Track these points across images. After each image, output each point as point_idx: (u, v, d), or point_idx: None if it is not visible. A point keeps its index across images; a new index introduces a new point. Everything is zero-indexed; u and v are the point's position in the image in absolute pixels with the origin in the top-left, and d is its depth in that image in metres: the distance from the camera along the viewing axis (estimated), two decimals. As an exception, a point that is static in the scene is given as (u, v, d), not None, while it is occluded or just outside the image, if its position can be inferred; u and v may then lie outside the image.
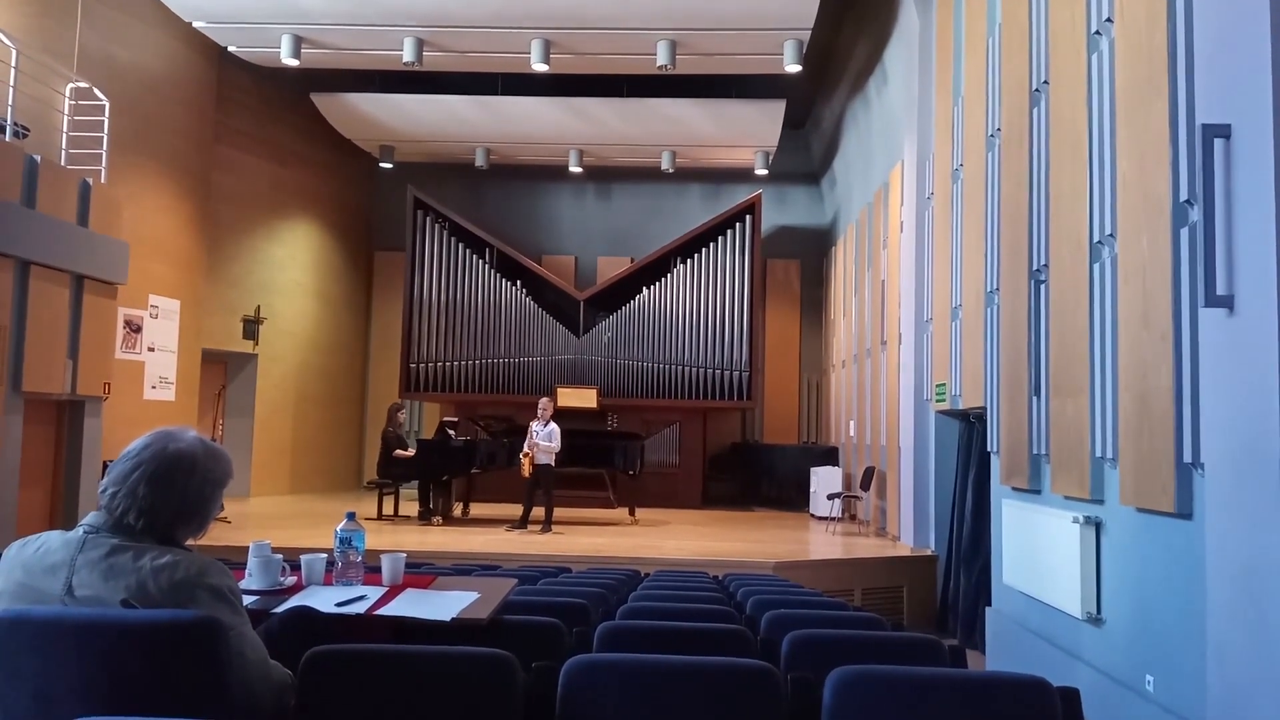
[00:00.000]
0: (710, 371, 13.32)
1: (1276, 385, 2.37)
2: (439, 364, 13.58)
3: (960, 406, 7.35)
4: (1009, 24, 6.09)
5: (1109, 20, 4.51)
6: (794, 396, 15.12)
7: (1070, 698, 2.02)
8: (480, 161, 13.85)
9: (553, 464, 9.53)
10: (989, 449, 6.33)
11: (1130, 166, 4.15)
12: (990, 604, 6.28)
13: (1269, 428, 2.40)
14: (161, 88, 10.60)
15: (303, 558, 2.74)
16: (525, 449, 9.49)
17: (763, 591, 4.32)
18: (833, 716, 1.86)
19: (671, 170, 13.74)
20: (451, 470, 10.33)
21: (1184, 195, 3.64)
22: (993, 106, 6.50)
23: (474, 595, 2.63)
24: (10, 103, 7.54)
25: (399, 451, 10.32)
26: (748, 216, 13.60)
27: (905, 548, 8.84)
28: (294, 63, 10.32)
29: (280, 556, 2.71)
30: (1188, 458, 3.54)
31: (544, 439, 9.46)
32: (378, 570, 2.79)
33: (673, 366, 13.39)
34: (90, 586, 1.67)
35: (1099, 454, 4.46)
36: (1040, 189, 5.40)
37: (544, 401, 9.75)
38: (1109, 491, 4.43)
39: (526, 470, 9.48)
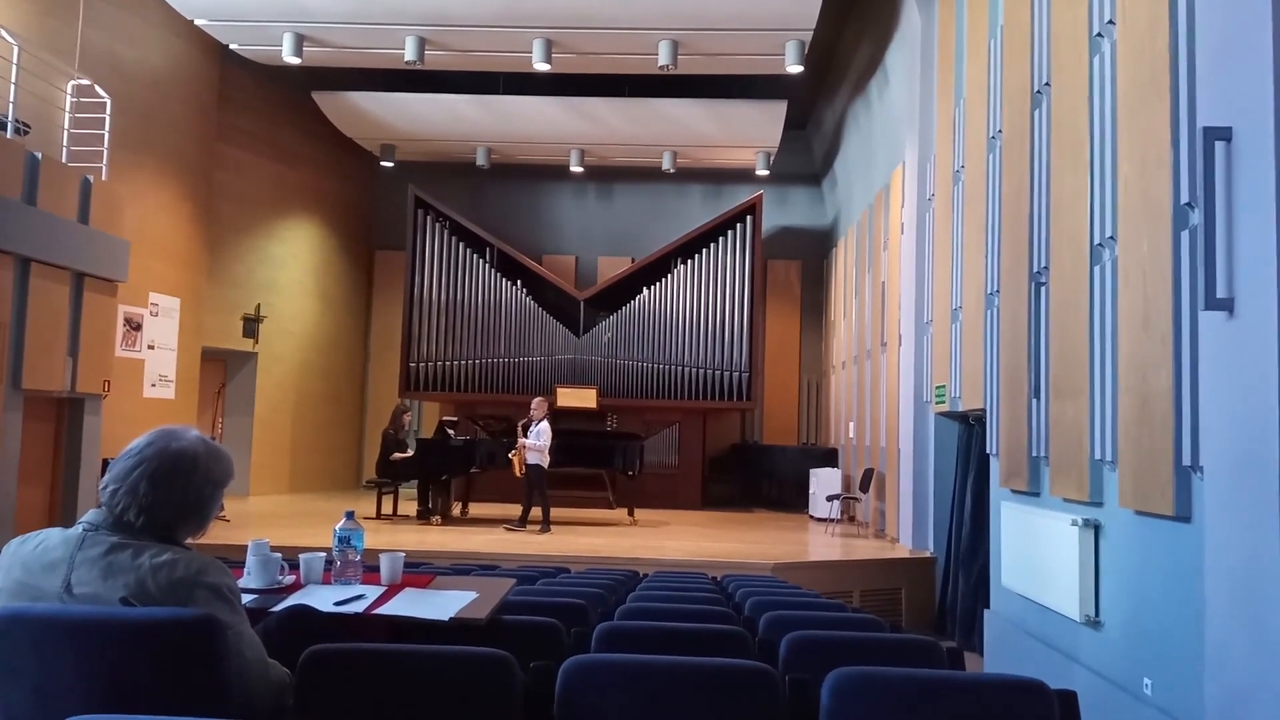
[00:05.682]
0: (710, 372, 13.33)
1: (1276, 388, 2.37)
2: (439, 363, 13.58)
3: (960, 408, 7.35)
4: (1010, 26, 6.09)
5: (1111, 23, 4.51)
6: (794, 398, 15.12)
7: (1068, 700, 2.02)
8: (481, 161, 13.84)
9: (544, 464, 9.55)
10: (988, 451, 6.32)
11: (1131, 169, 4.15)
12: (988, 606, 6.27)
13: (1268, 431, 2.40)
14: (163, 85, 10.61)
15: (301, 556, 2.74)
16: (515, 448, 9.63)
17: (761, 593, 4.32)
18: (831, 718, 1.86)
19: (672, 170, 13.74)
20: (450, 470, 10.33)
21: (1185, 198, 3.63)
22: (994, 108, 6.50)
23: (472, 595, 2.63)
24: (12, 99, 7.54)
25: (396, 455, 10.32)
26: (748, 217, 13.60)
27: (904, 549, 8.84)
28: (296, 61, 10.32)
29: (279, 555, 2.71)
30: (1187, 460, 3.54)
31: (531, 439, 9.50)
32: (376, 569, 2.79)
33: (673, 367, 13.39)
34: (89, 584, 1.67)
35: (1098, 456, 4.46)
36: (1041, 191, 5.40)
37: (536, 401, 9.82)
38: (1108, 494, 4.43)
39: (518, 469, 9.59)
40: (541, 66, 10.06)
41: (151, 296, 10.38)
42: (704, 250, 13.66)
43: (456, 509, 10.82)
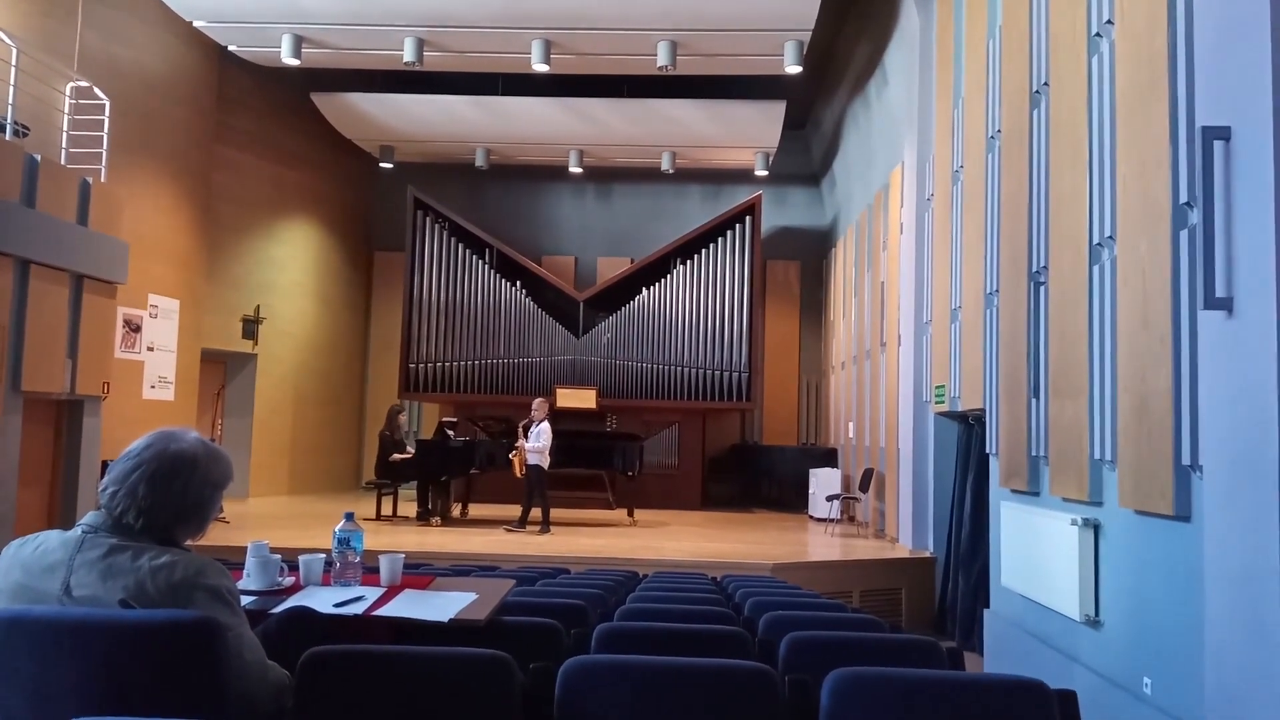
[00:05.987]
0: (710, 372, 13.33)
1: (1275, 387, 2.37)
2: (438, 364, 13.58)
3: (959, 408, 7.35)
4: (1009, 26, 6.09)
5: (1109, 22, 4.51)
6: (793, 398, 15.13)
7: (1068, 700, 2.02)
8: (480, 162, 13.85)
9: (544, 465, 9.55)
10: (988, 451, 6.32)
11: (1130, 169, 4.15)
12: (988, 606, 6.28)
13: (1267, 430, 2.40)
14: (162, 87, 10.60)
15: (301, 558, 2.74)
16: (515, 448, 9.67)
17: (761, 593, 4.32)
18: (830, 718, 1.86)
19: (671, 171, 13.74)
20: (450, 471, 10.33)
21: (1184, 197, 3.64)
22: (993, 108, 6.51)
23: (472, 596, 2.63)
24: (11, 102, 7.53)
25: (396, 456, 10.31)
26: (748, 217, 13.60)
27: (904, 549, 8.84)
28: (294, 62, 10.32)
29: (278, 557, 2.71)
30: (1186, 460, 3.54)
31: (532, 439, 9.51)
32: (376, 571, 2.79)
33: (672, 367, 13.39)
34: (88, 586, 1.66)
35: (1098, 456, 4.46)
36: (1040, 191, 5.41)
37: (536, 402, 9.84)
38: (1107, 494, 4.43)
39: (518, 470, 9.60)
40: (540, 67, 10.06)
41: (151, 298, 10.37)
42: (703, 251, 13.66)
43: (456, 510, 10.82)
